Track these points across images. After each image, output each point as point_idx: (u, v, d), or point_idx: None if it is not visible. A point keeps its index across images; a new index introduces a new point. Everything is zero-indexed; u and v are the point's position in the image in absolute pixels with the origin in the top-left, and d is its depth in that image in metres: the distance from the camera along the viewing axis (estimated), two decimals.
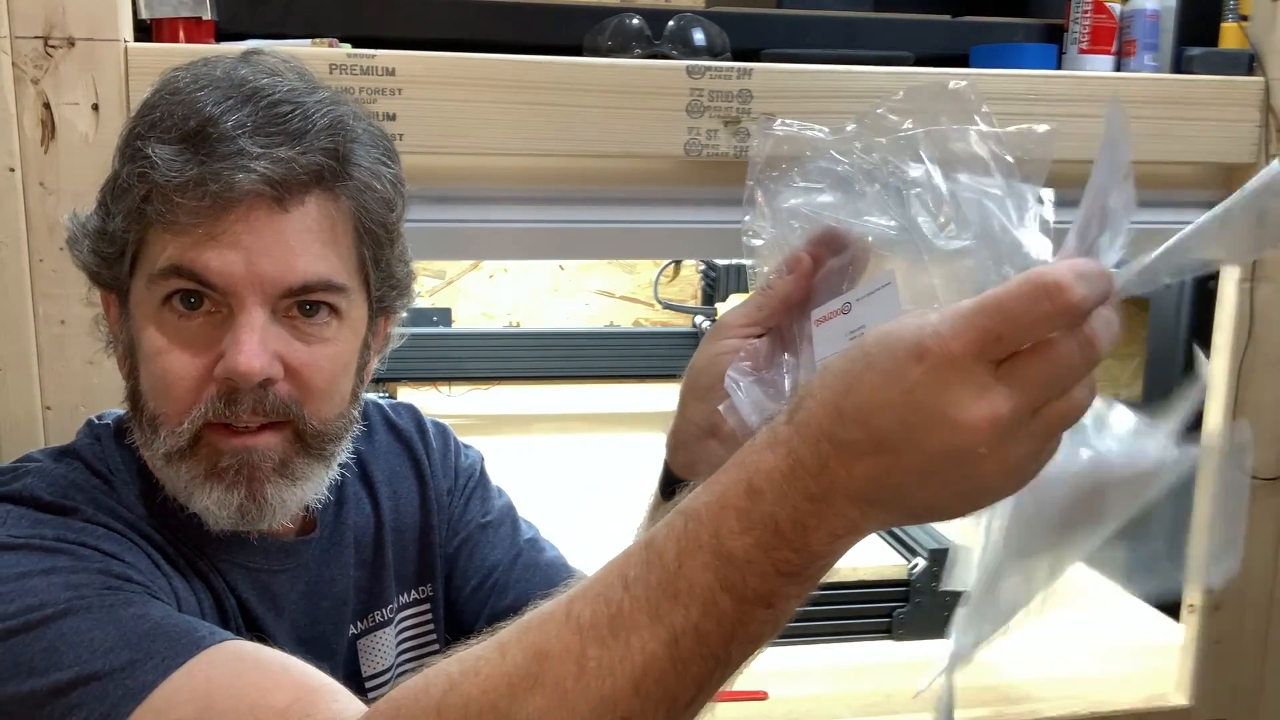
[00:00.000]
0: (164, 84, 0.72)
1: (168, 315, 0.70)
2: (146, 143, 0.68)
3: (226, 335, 0.69)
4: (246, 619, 0.76)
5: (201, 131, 0.67)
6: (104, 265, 0.73)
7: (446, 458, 0.94)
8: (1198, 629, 1.31)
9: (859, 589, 1.44)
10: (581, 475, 1.82)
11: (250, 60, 0.73)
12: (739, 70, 1.06)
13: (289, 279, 0.69)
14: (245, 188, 0.66)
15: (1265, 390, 1.26)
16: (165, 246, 0.68)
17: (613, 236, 1.13)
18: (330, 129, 0.70)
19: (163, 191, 0.67)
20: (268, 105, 0.68)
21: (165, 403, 0.70)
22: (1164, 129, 1.17)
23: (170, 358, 0.70)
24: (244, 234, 0.68)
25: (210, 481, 0.71)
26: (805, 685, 1.33)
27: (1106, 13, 1.20)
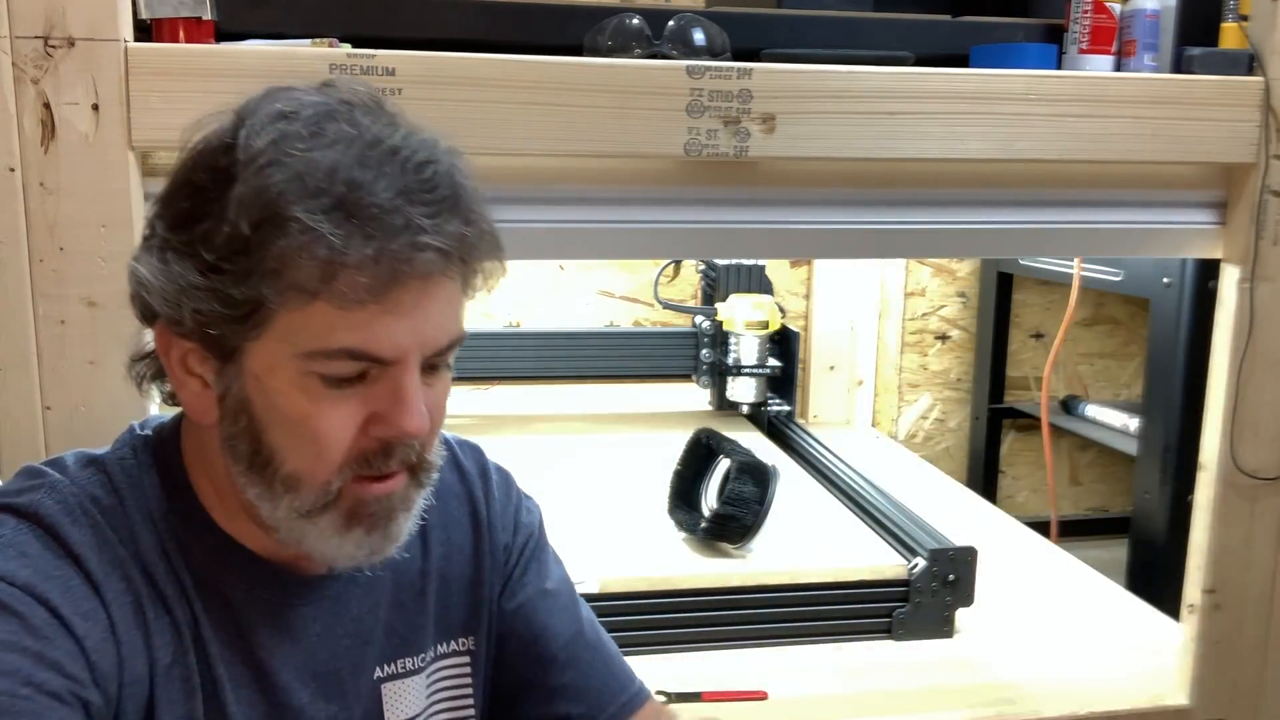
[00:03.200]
0: (264, 126, 0.68)
1: (315, 382, 0.69)
2: (290, 206, 0.65)
3: (381, 394, 0.70)
4: (244, 646, 0.76)
5: (357, 199, 0.65)
6: (206, 323, 0.69)
7: (508, 510, 0.92)
8: (1198, 629, 1.31)
9: (859, 589, 1.44)
10: (581, 475, 1.82)
11: (338, 92, 0.71)
12: (739, 70, 1.06)
13: (443, 342, 0.71)
14: (424, 267, 0.67)
15: (1265, 390, 1.26)
16: (331, 325, 0.67)
17: (613, 236, 1.13)
18: (472, 193, 0.71)
19: (332, 270, 0.65)
20: (413, 168, 0.68)
21: (315, 464, 0.71)
22: (1164, 129, 1.17)
23: (322, 422, 0.70)
24: (414, 306, 0.68)
25: (350, 529, 0.72)
26: (805, 685, 1.33)
27: (1106, 13, 1.20)
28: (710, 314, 2.21)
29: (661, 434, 1.92)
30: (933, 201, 1.19)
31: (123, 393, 0.98)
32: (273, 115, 0.68)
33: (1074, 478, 2.57)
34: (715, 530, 1.48)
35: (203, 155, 0.70)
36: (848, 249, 1.22)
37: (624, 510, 1.63)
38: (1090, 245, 1.26)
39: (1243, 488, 1.28)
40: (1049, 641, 1.47)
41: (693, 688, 1.30)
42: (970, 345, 2.50)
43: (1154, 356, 1.91)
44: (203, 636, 0.74)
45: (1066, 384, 2.52)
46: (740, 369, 2.14)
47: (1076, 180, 1.21)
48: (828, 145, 1.10)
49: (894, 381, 2.48)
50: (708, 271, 2.28)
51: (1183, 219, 1.26)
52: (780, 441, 2.06)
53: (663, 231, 1.13)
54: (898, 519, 1.55)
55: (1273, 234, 1.23)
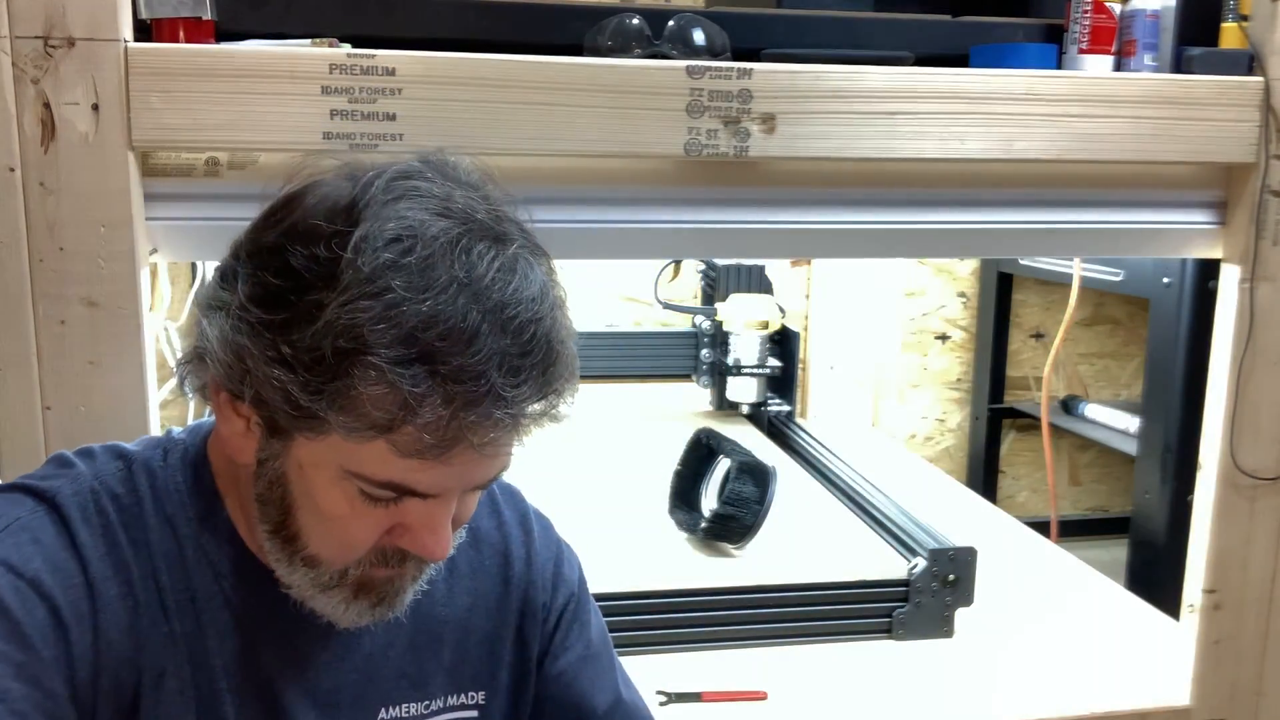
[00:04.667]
0: (378, 249, 0.64)
1: (355, 491, 0.69)
2: (375, 350, 0.62)
3: (416, 513, 0.70)
4: (251, 662, 0.76)
5: (446, 357, 0.63)
6: (258, 403, 0.68)
7: (548, 566, 0.90)
8: (1198, 629, 1.31)
9: (859, 589, 1.44)
10: (582, 475, 1.82)
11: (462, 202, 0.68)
12: (739, 70, 1.06)
13: (488, 480, 0.73)
14: (492, 440, 0.67)
15: (1265, 390, 1.26)
16: (385, 461, 0.66)
17: (613, 236, 1.13)
18: (565, 358, 0.69)
19: (400, 421, 0.64)
20: (514, 329, 0.65)
21: (337, 556, 0.72)
22: (1164, 129, 1.17)
23: (354, 526, 0.71)
24: (471, 462, 0.68)
25: (357, 600, 0.74)
26: (805, 685, 1.33)
27: (1106, 13, 1.20)
28: (710, 314, 2.21)
29: (661, 434, 1.92)
30: (933, 201, 1.19)
31: (123, 393, 0.99)
32: (389, 237, 0.65)
33: (1074, 478, 2.57)
34: (715, 530, 1.48)
35: (307, 236, 0.66)
36: (848, 249, 1.21)
37: (624, 510, 1.63)
38: (1090, 245, 1.26)
39: (1243, 488, 1.28)
40: (1049, 641, 1.47)
41: (693, 688, 1.30)
42: (970, 345, 2.50)
43: (1154, 356, 1.91)
44: (207, 648, 0.74)
45: (1066, 384, 2.52)
46: (740, 369, 2.14)
47: (1076, 180, 1.21)
48: (828, 145, 1.10)
49: (894, 381, 2.48)
50: (708, 271, 2.28)
51: (1183, 219, 1.26)
52: (780, 441, 2.06)
53: (663, 231, 1.13)
54: (898, 519, 1.55)
55: (1273, 234, 1.23)
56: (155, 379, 1.02)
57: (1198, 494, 1.32)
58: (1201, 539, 1.31)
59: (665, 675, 1.33)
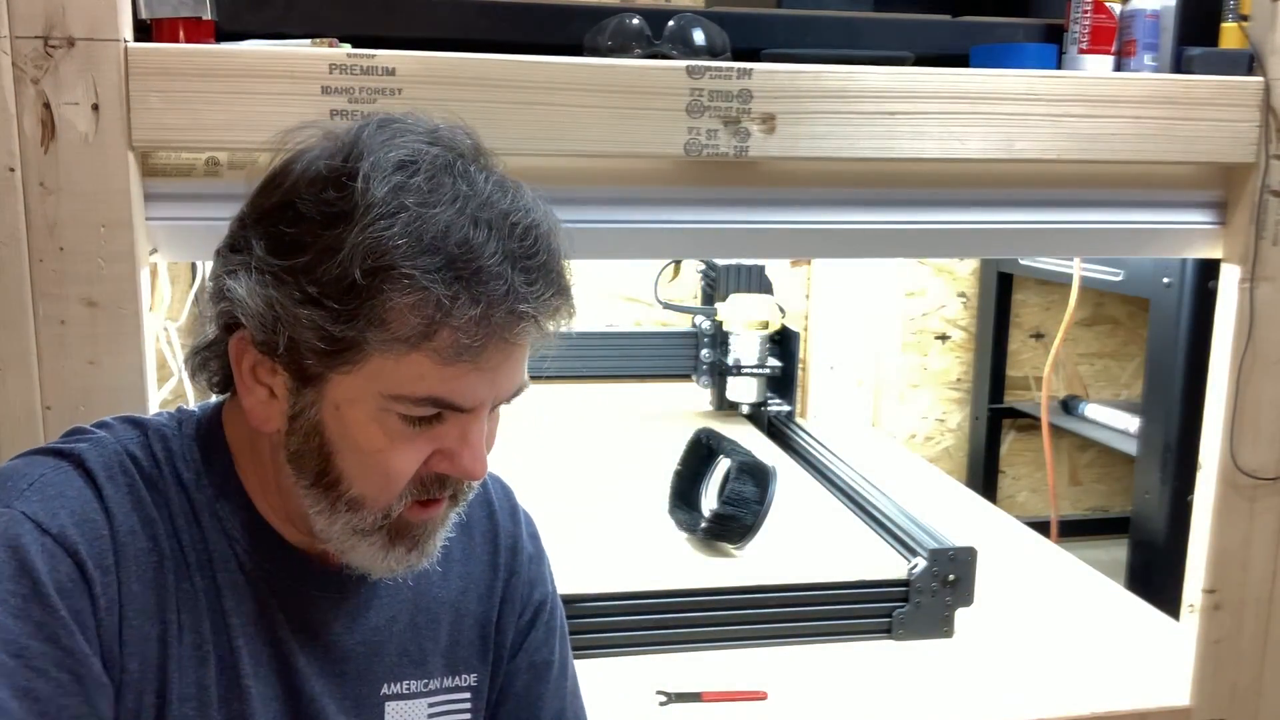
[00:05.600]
0: (387, 175, 0.69)
1: (393, 419, 0.72)
2: (404, 262, 0.67)
3: (450, 434, 0.73)
4: (266, 624, 0.78)
5: (467, 261, 0.68)
6: (294, 349, 0.71)
7: (534, 564, 0.94)
8: (1198, 629, 1.31)
9: (859, 589, 1.44)
10: (582, 475, 1.82)
11: (448, 138, 0.74)
12: (739, 70, 1.06)
13: (512, 391, 0.75)
14: (520, 334, 0.71)
15: (1265, 390, 1.26)
16: (422, 374, 0.70)
17: (613, 236, 1.13)
18: (560, 265, 0.74)
19: (436, 328, 0.68)
20: (520, 233, 0.71)
21: (381, 492, 0.74)
22: (1164, 129, 1.17)
23: (394, 457, 0.73)
24: (501, 362, 0.72)
25: (394, 546, 0.76)
26: (805, 685, 1.33)
27: (1106, 13, 1.20)
28: (710, 314, 2.21)
29: (661, 434, 1.92)
30: (933, 201, 1.19)
31: (123, 393, 0.99)
32: (394, 164, 0.70)
33: (1074, 478, 2.57)
34: (715, 530, 1.48)
35: (313, 184, 0.71)
36: (848, 249, 1.21)
37: (624, 510, 1.63)
38: (1090, 245, 1.26)
39: (1243, 488, 1.28)
40: (1049, 641, 1.47)
41: (693, 688, 1.30)
42: (970, 345, 2.51)
43: (1154, 356, 1.91)
44: (224, 607, 0.76)
45: (1066, 384, 2.52)
46: (740, 369, 2.14)
47: (1077, 180, 1.21)
48: (828, 145, 1.10)
49: (894, 381, 2.48)
50: (708, 271, 2.28)
51: (1183, 219, 1.26)
52: (780, 441, 2.06)
53: (663, 231, 1.13)
54: (898, 519, 1.55)
55: (1273, 234, 1.23)
56: (155, 379, 1.02)
57: (1198, 494, 1.32)
58: (1201, 539, 1.31)
59: (665, 675, 1.33)
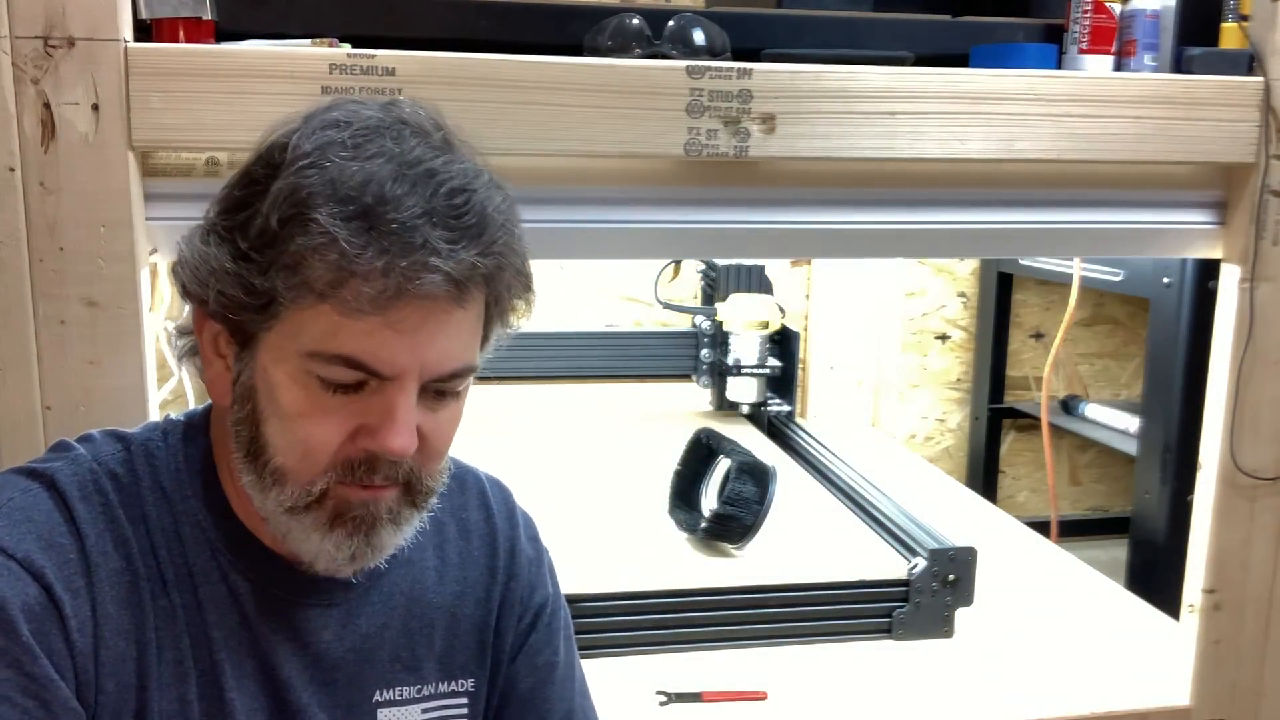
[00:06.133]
0: (315, 131, 0.71)
1: (314, 382, 0.70)
2: (316, 208, 0.67)
3: (374, 408, 0.71)
4: (249, 637, 0.77)
5: (381, 213, 0.67)
6: (229, 307, 0.72)
7: (531, 566, 0.92)
8: (1198, 629, 1.31)
9: (859, 589, 1.44)
10: (582, 475, 1.82)
11: (398, 111, 0.73)
12: (739, 70, 1.06)
13: (446, 369, 0.72)
14: (433, 288, 0.68)
15: (1265, 390, 1.26)
16: (333, 329, 0.69)
17: (613, 236, 1.13)
18: (502, 226, 0.71)
19: (342, 276, 0.67)
20: (446, 193, 0.69)
21: (301, 464, 0.72)
22: (1164, 129, 1.17)
23: (313, 424, 0.71)
24: (418, 325, 0.69)
25: (333, 530, 0.74)
26: (805, 685, 1.33)
27: (1106, 13, 1.20)
28: (710, 314, 2.21)
29: (661, 434, 1.92)
30: (933, 201, 1.19)
31: (123, 393, 0.99)
32: (326, 122, 0.71)
33: (1074, 478, 2.57)
34: (715, 530, 1.48)
35: (262, 150, 0.73)
36: (848, 249, 1.21)
37: (624, 510, 1.63)
38: (1090, 245, 1.26)
39: (1243, 488, 1.28)
40: (1049, 641, 1.47)
41: (693, 688, 1.30)
42: (970, 345, 2.50)
43: (1154, 356, 1.91)
44: (205, 621, 0.76)
45: (1066, 384, 2.52)
46: (740, 369, 2.14)
47: (1076, 180, 1.21)
48: (828, 145, 1.10)
49: (894, 381, 2.48)
50: (708, 271, 2.28)
51: (1183, 219, 1.26)
52: (780, 441, 2.06)
53: (663, 231, 1.13)
54: (898, 519, 1.55)
55: (1273, 234, 1.23)
56: (155, 379, 1.02)
57: (1198, 494, 1.32)
58: (1201, 539, 1.31)
59: (665, 675, 1.33)
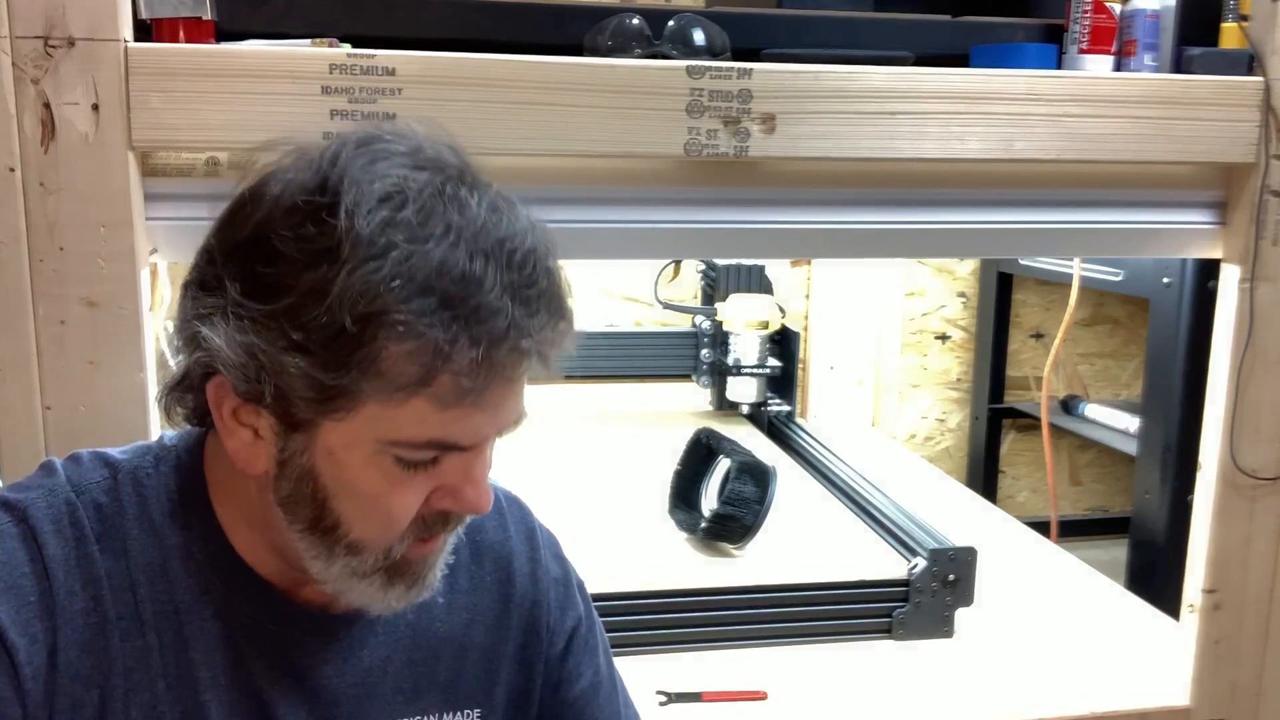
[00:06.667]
0: (375, 211, 0.64)
1: (389, 461, 0.68)
2: (396, 307, 0.62)
3: (451, 470, 0.70)
4: (242, 674, 0.74)
5: (465, 301, 0.64)
6: (284, 400, 0.66)
7: (556, 587, 0.89)
8: (1198, 629, 1.31)
9: (859, 589, 1.44)
10: (582, 475, 1.82)
11: (437, 159, 0.69)
12: (739, 70, 1.06)
13: (512, 424, 0.72)
14: (523, 371, 0.68)
15: (1265, 390, 1.26)
16: (423, 418, 0.66)
17: (613, 236, 1.13)
18: (560, 283, 0.70)
19: (434, 372, 0.64)
20: (517, 262, 0.67)
21: (382, 534, 0.71)
22: (1164, 129, 1.17)
23: (395, 499, 0.70)
24: (502, 400, 0.69)
25: (391, 586, 0.73)
26: (805, 685, 1.33)
27: (1106, 13, 1.20)
28: (710, 314, 2.21)
29: (661, 434, 1.92)
30: (933, 201, 1.19)
31: (123, 393, 0.99)
32: (379, 196, 0.65)
33: (1074, 478, 2.57)
34: (715, 530, 1.48)
35: (290, 217, 0.66)
36: (848, 249, 1.21)
37: (624, 510, 1.63)
38: (1090, 245, 1.26)
39: (1243, 488, 1.28)
40: (1049, 641, 1.47)
41: (693, 688, 1.30)
42: (970, 345, 2.50)
43: (1154, 356, 1.91)
44: (190, 660, 0.72)
45: (1066, 384, 2.52)
46: (740, 369, 2.14)
47: (1076, 180, 1.21)
48: (828, 145, 1.10)
49: (894, 381, 2.48)
50: (708, 271, 2.28)
51: (1183, 219, 1.26)
52: (780, 441, 2.06)
53: (663, 231, 1.13)
54: (898, 519, 1.55)
55: (1273, 234, 1.23)
56: (155, 379, 1.02)
57: (1198, 494, 1.32)
58: (1201, 539, 1.31)
59: (665, 675, 1.33)
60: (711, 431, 1.62)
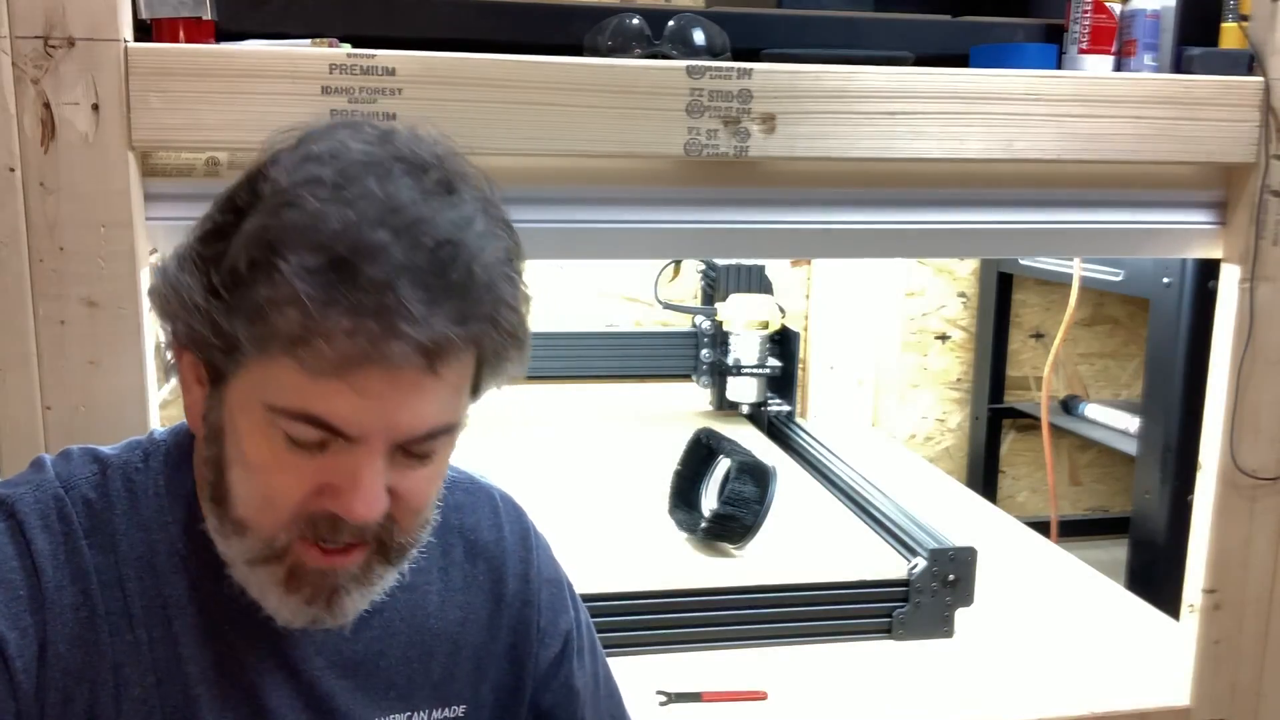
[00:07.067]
0: (299, 164, 0.65)
1: (279, 435, 0.66)
2: (283, 255, 0.62)
3: (340, 467, 0.66)
4: (234, 668, 0.74)
5: (353, 266, 0.61)
6: (197, 343, 0.67)
7: (548, 590, 0.88)
8: (1198, 629, 1.31)
9: (859, 589, 1.44)
10: (582, 475, 1.82)
11: (393, 147, 0.67)
12: (739, 70, 1.06)
13: (419, 429, 0.67)
14: (397, 359, 0.63)
15: (1265, 390, 1.26)
16: (297, 386, 0.64)
17: (613, 236, 1.13)
18: (488, 286, 0.65)
19: (305, 334, 0.62)
20: (429, 245, 0.63)
21: (261, 517, 0.68)
22: (1164, 129, 1.17)
23: (276, 478, 0.67)
24: (385, 391, 0.64)
25: (290, 592, 0.69)
26: (805, 685, 1.33)
27: (1106, 13, 1.20)
28: (710, 314, 2.21)
29: (661, 434, 1.92)
30: (933, 201, 1.19)
31: (123, 393, 0.99)
32: (310, 155, 0.66)
33: (1074, 478, 2.57)
34: (715, 530, 1.48)
35: (250, 171, 0.68)
36: (848, 249, 1.22)
37: (624, 510, 1.63)
38: (1090, 245, 1.26)
39: (1243, 488, 1.28)
40: (1049, 641, 1.47)
41: (693, 688, 1.30)
42: (970, 345, 2.50)
43: (1154, 356, 1.91)
44: (180, 655, 0.72)
45: (1066, 384, 2.52)
46: (740, 369, 2.14)
47: (1076, 180, 1.21)
48: (828, 145, 1.10)
49: (894, 381, 2.48)
50: (708, 271, 2.28)
51: (1183, 219, 1.26)
52: (780, 441, 2.06)
53: (663, 231, 1.13)
54: (898, 519, 1.55)
55: (1273, 234, 1.23)
56: (155, 379, 1.02)
57: (1198, 494, 1.32)
58: (1201, 539, 1.31)
59: (665, 675, 1.33)
60: (711, 431, 1.62)
